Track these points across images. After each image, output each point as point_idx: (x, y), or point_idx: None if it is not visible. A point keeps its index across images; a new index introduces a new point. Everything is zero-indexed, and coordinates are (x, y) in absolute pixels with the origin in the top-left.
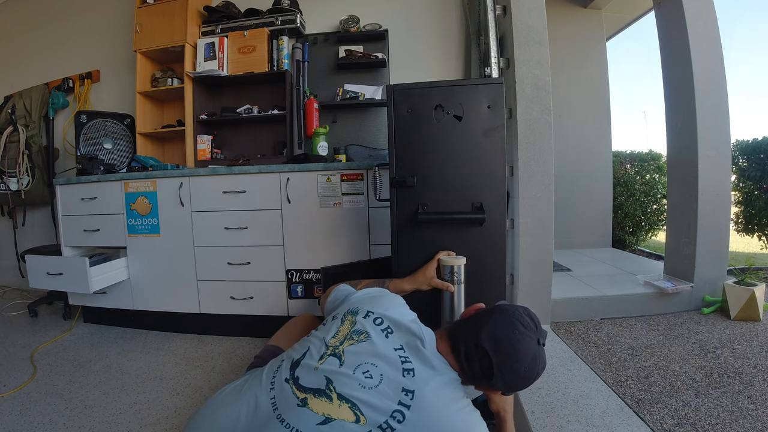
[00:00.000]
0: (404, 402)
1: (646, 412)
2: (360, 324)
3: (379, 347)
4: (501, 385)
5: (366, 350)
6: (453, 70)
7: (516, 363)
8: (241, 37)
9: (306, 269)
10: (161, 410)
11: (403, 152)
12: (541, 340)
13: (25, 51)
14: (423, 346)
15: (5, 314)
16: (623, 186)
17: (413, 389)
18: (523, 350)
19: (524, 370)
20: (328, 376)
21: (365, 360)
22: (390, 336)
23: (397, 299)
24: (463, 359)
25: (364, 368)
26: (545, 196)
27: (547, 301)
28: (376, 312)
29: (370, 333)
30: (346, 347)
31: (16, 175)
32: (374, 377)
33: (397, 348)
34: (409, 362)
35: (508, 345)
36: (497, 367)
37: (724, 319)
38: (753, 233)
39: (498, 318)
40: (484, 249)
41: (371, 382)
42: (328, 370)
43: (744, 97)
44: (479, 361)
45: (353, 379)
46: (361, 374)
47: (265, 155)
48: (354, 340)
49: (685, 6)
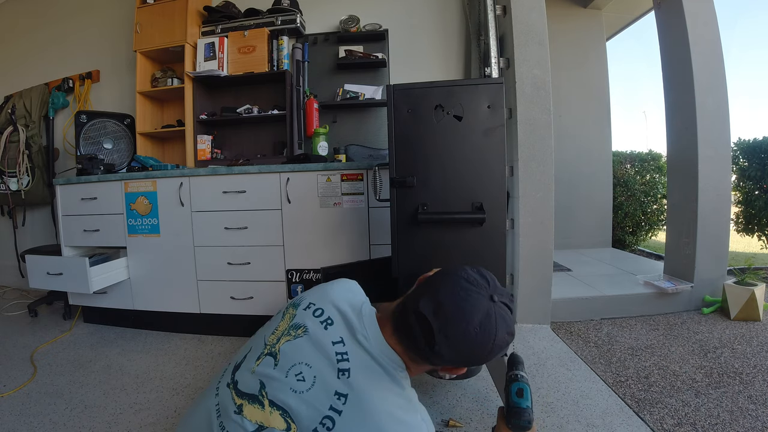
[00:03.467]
0: (336, 407)
1: (646, 412)
2: (299, 317)
3: (316, 343)
4: (454, 356)
5: (301, 348)
6: (453, 70)
7: (462, 322)
8: (241, 37)
9: (306, 269)
10: (161, 410)
11: (403, 152)
12: (495, 297)
13: (25, 51)
14: (365, 337)
15: (5, 314)
16: (623, 186)
17: (346, 393)
18: (470, 308)
19: (474, 331)
20: (262, 379)
21: (299, 359)
22: (329, 328)
23: (347, 284)
24: (404, 337)
25: (297, 369)
26: (545, 196)
27: (547, 301)
28: (317, 303)
29: (308, 327)
30: (282, 345)
31: (16, 175)
32: (307, 380)
33: (336, 341)
34: (346, 360)
35: (450, 304)
36: (439, 331)
37: (724, 319)
38: (753, 233)
39: (439, 279)
40: (484, 249)
41: (303, 385)
42: (263, 373)
43: (745, 97)
44: (421, 330)
45: (285, 384)
46: (293, 377)
47: (265, 155)
48: (291, 336)
49: (685, 6)
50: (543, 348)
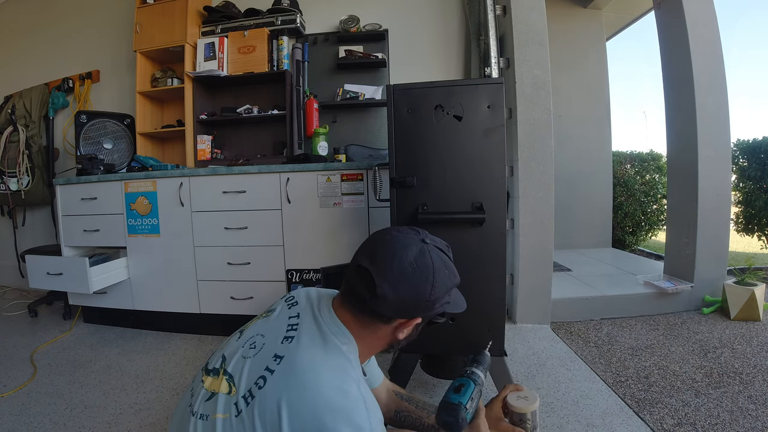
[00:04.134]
0: (270, 367)
1: (646, 412)
2: (275, 304)
3: (277, 318)
4: (397, 297)
5: (264, 323)
6: (453, 70)
7: (395, 260)
8: (241, 37)
9: (306, 269)
10: (161, 410)
11: (403, 152)
12: (428, 240)
13: (25, 51)
14: (319, 312)
15: (5, 314)
16: (623, 186)
17: (283, 355)
18: (401, 248)
19: (410, 267)
20: (225, 353)
21: (258, 332)
22: (293, 307)
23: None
24: (350, 298)
25: (252, 341)
26: (545, 196)
27: (547, 301)
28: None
29: (276, 309)
30: (252, 324)
31: (16, 175)
32: (257, 347)
33: (293, 316)
34: (295, 330)
35: (384, 249)
36: (377, 273)
37: (724, 319)
38: (753, 233)
39: (371, 237)
40: (484, 249)
41: (252, 352)
42: (227, 347)
43: (745, 97)
44: (362, 281)
45: (239, 353)
46: (248, 346)
47: (265, 155)
48: (262, 317)
49: (685, 6)
50: (543, 348)
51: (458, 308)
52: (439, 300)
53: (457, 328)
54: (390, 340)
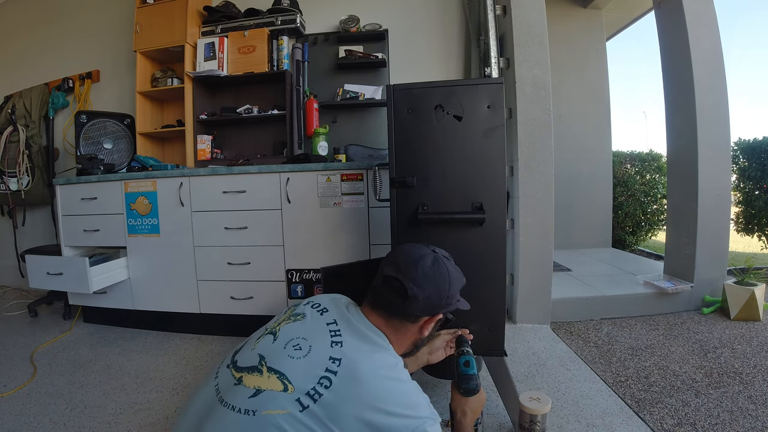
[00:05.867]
0: (331, 369)
1: (646, 412)
2: (299, 309)
3: (313, 323)
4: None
5: (299, 327)
6: (453, 70)
7: (418, 267)
8: (241, 37)
9: (306, 269)
10: (161, 410)
11: (403, 152)
12: (436, 250)
13: (25, 51)
14: (353, 318)
15: (5, 314)
16: (623, 186)
17: (340, 357)
18: (418, 257)
19: (430, 270)
20: (261, 353)
21: (297, 335)
22: (325, 314)
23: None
24: (382, 305)
25: (294, 342)
26: (545, 196)
27: (547, 301)
28: (315, 300)
29: (306, 314)
30: (282, 326)
31: (16, 175)
32: (303, 349)
33: (330, 323)
34: (339, 335)
35: (404, 260)
36: (405, 278)
37: (724, 319)
38: (753, 233)
39: (388, 254)
40: (484, 249)
41: (300, 353)
42: (262, 347)
43: (745, 97)
44: (393, 288)
45: (283, 353)
46: (291, 348)
47: (265, 155)
48: (291, 320)
49: (685, 6)
50: (543, 348)
51: (466, 306)
52: (454, 297)
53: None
54: (415, 338)
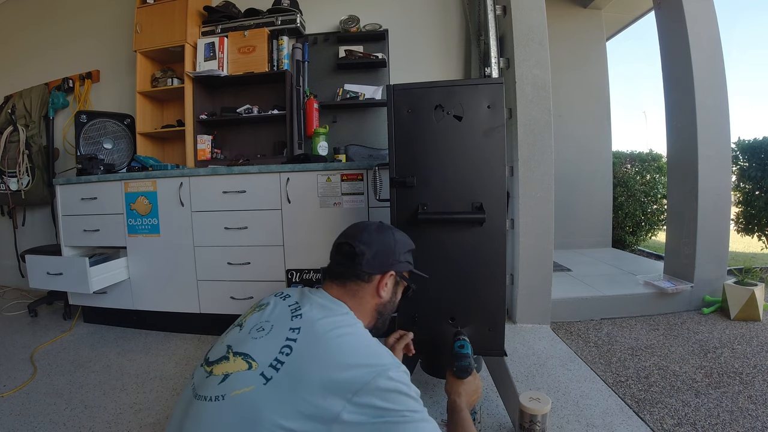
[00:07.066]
0: (291, 337)
1: (646, 412)
2: (264, 300)
3: (276, 307)
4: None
5: (264, 314)
6: (453, 70)
7: (364, 231)
8: (241, 37)
9: (306, 269)
10: (161, 410)
11: (403, 152)
12: (383, 222)
13: (25, 51)
14: (315, 296)
15: (5, 314)
16: (623, 186)
17: (299, 326)
18: (365, 224)
19: (375, 232)
20: (229, 343)
21: (261, 320)
22: (287, 299)
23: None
24: (336, 272)
25: (258, 326)
26: (545, 196)
27: (547, 301)
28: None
29: (270, 302)
30: (248, 317)
31: (16, 175)
32: (266, 329)
33: (291, 304)
34: (299, 310)
35: (353, 227)
36: (353, 239)
37: (724, 319)
38: (753, 233)
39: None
40: (484, 249)
41: (261, 333)
42: (230, 339)
43: (745, 97)
44: (342, 252)
45: (247, 337)
46: (255, 331)
47: (265, 155)
48: (256, 311)
49: (685, 6)
50: (543, 348)
51: (422, 274)
52: (402, 254)
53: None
54: (376, 303)
